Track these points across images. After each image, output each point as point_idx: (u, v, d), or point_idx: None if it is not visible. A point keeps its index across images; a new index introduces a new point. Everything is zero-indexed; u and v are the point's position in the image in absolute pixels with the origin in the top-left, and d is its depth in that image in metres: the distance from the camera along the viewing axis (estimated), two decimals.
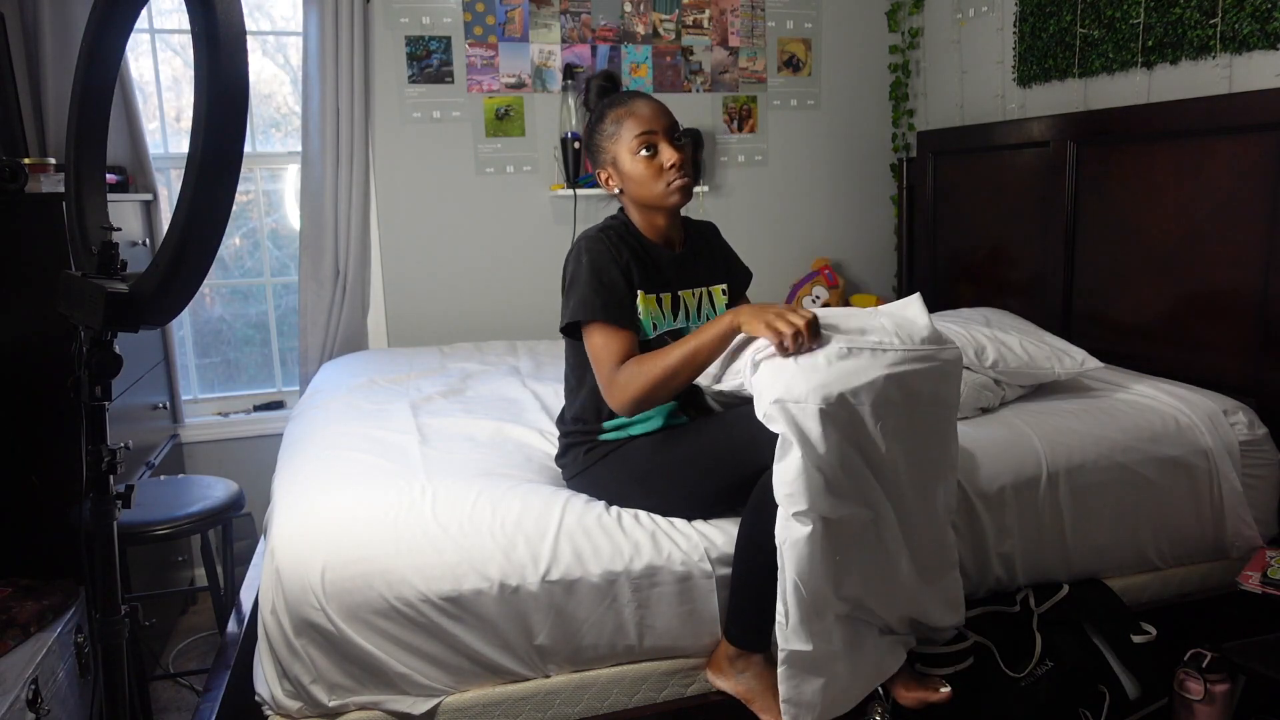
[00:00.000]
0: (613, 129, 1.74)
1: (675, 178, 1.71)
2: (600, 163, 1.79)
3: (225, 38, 1.02)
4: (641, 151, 1.71)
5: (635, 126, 1.71)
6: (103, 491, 1.22)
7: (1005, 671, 1.75)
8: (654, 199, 1.73)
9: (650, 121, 1.71)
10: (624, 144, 1.72)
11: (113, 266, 1.21)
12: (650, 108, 1.73)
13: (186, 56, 3.16)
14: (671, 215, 1.80)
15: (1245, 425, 2.10)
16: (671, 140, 1.72)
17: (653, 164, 1.71)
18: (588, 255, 1.69)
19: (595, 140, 1.78)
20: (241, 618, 2.19)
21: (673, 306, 1.80)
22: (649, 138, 1.70)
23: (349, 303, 3.11)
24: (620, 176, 1.76)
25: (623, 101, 1.75)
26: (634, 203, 1.79)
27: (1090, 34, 2.70)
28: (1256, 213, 2.17)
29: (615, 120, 1.73)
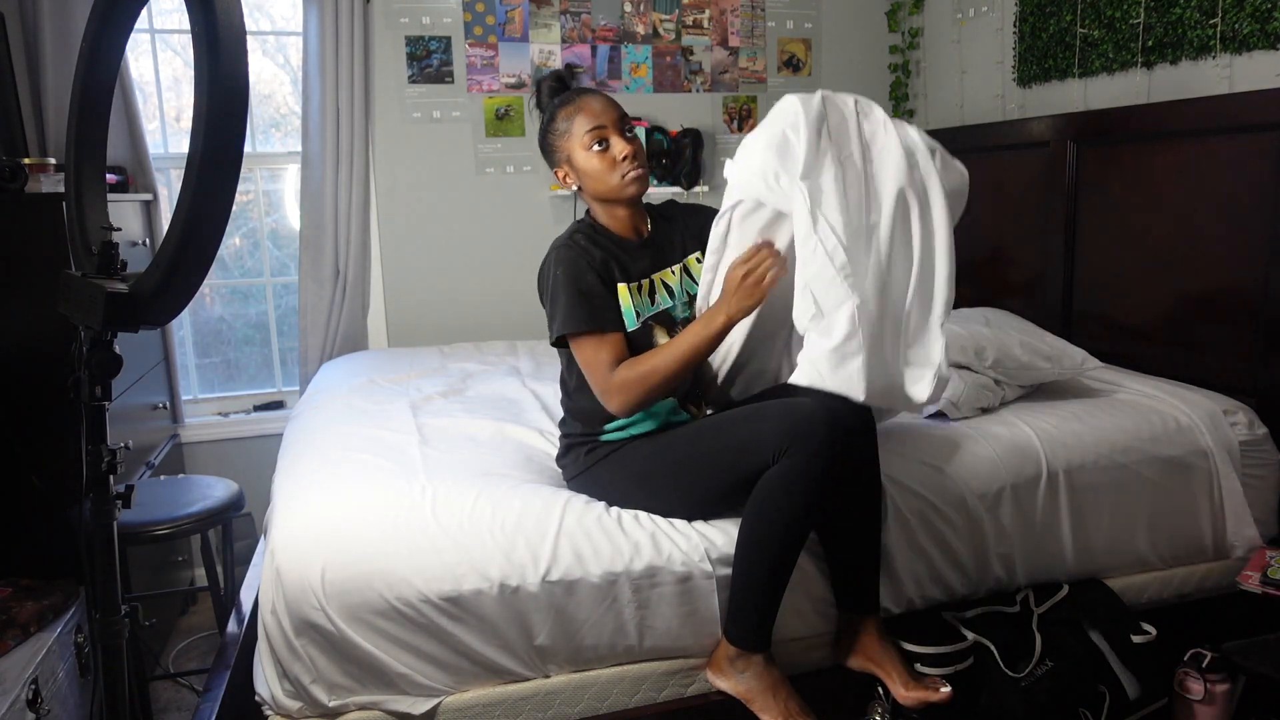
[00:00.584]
0: (564, 126, 1.75)
1: (629, 169, 1.72)
2: (556, 161, 1.80)
3: (225, 38, 1.02)
4: (594, 146, 1.72)
5: (585, 122, 1.72)
6: (103, 491, 1.22)
7: (1005, 671, 1.75)
8: (610, 192, 1.74)
9: (599, 116, 1.72)
10: (576, 140, 1.73)
11: (113, 266, 1.21)
12: (599, 102, 1.74)
13: (186, 56, 3.16)
14: (632, 206, 1.81)
15: (1245, 425, 2.10)
16: (622, 132, 1.73)
17: (606, 157, 1.72)
18: (561, 267, 1.70)
19: (549, 140, 1.80)
20: (241, 618, 2.19)
21: (650, 291, 1.80)
22: (600, 132, 1.72)
23: (349, 303, 3.11)
24: (576, 173, 1.77)
25: (571, 100, 1.76)
26: (594, 198, 1.80)
27: (1090, 34, 2.70)
28: (1256, 213, 2.17)
29: (566, 118, 1.75)
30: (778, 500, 1.56)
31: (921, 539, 1.82)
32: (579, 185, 1.79)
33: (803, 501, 1.56)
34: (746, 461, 1.60)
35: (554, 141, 1.78)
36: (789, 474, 1.55)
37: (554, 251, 1.74)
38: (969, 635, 1.77)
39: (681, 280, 1.85)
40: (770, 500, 1.57)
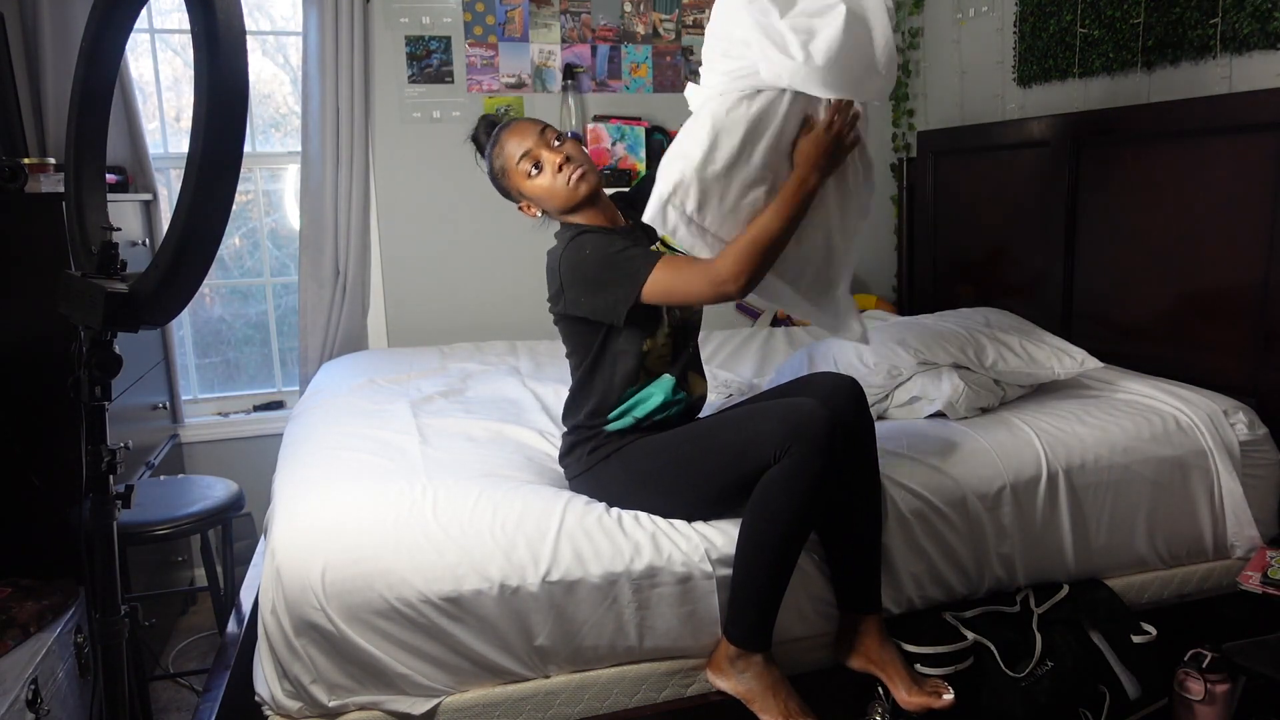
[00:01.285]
0: (500, 165, 1.79)
1: (569, 172, 1.73)
2: (512, 198, 1.84)
3: (225, 38, 1.02)
4: (531, 171, 1.75)
5: (513, 152, 1.76)
6: (103, 491, 1.22)
7: (1005, 671, 1.75)
8: (566, 200, 1.75)
9: (523, 142, 1.75)
10: (515, 174, 1.77)
11: (113, 266, 1.21)
12: (518, 130, 1.77)
13: (186, 56, 3.16)
14: (597, 203, 1.80)
15: (1245, 425, 2.10)
16: (549, 145, 1.75)
17: (544, 176, 1.75)
18: (588, 248, 1.70)
19: (498, 182, 1.83)
20: (241, 618, 2.19)
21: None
22: (530, 157, 1.74)
23: (349, 303, 3.11)
24: (533, 202, 1.80)
25: (496, 139, 1.80)
26: (562, 214, 1.80)
27: (1090, 34, 2.70)
28: (1256, 213, 2.17)
29: (497, 157, 1.79)
30: (778, 500, 1.56)
31: (921, 539, 1.82)
32: (542, 211, 1.82)
33: (803, 501, 1.56)
34: (747, 461, 1.60)
35: (501, 182, 1.82)
36: (790, 473, 1.55)
37: (569, 245, 1.73)
38: (969, 635, 1.77)
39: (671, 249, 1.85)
40: (771, 500, 1.57)
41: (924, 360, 2.20)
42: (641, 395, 1.77)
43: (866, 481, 1.73)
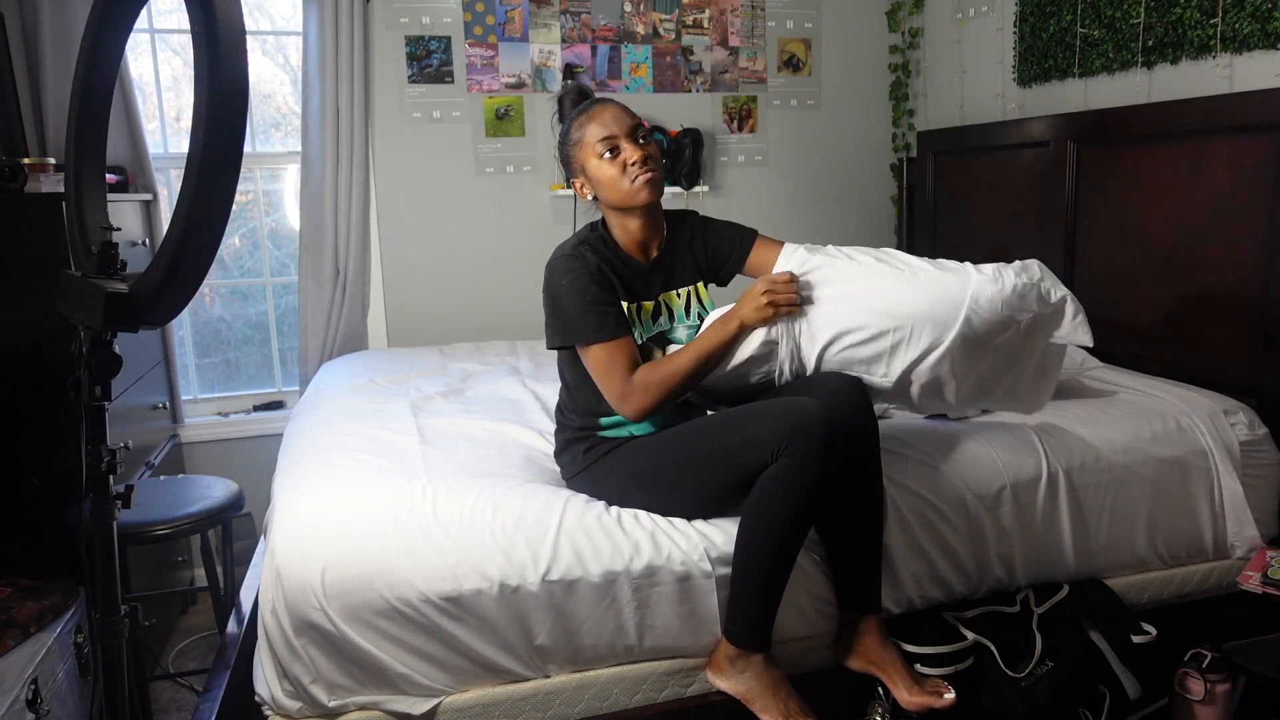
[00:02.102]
0: (578, 136, 1.76)
1: (639, 172, 1.71)
2: (573, 173, 1.81)
3: (225, 38, 1.02)
4: (605, 154, 1.72)
5: (597, 131, 1.73)
6: (103, 491, 1.22)
7: (1005, 671, 1.75)
8: (624, 198, 1.74)
9: (610, 125, 1.73)
10: (589, 150, 1.74)
11: (113, 266, 1.21)
12: (610, 112, 1.75)
13: (186, 56, 3.16)
14: (647, 216, 1.79)
15: (1245, 425, 2.10)
16: (634, 140, 1.73)
17: (616, 164, 1.72)
18: (567, 277, 1.71)
19: (565, 151, 1.81)
20: (241, 618, 2.19)
21: (654, 313, 1.81)
22: (610, 141, 1.72)
23: (349, 303, 3.11)
24: (591, 183, 1.77)
25: (585, 109, 1.77)
26: (609, 208, 1.79)
27: (1090, 34, 2.70)
28: (1256, 213, 2.17)
29: (579, 128, 1.76)
30: (777, 499, 1.56)
31: (921, 539, 1.82)
32: (595, 195, 1.79)
33: (802, 500, 1.56)
34: (746, 460, 1.60)
35: (569, 152, 1.79)
36: (788, 472, 1.55)
37: (558, 261, 1.74)
38: (969, 635, 1.77)
39: (689, 303, 1.85)
40: (770, 499, 1.57)
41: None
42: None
43: (869, 482, 1.73)
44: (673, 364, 1.69)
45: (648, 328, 1.80)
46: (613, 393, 1.69)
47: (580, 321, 1.69)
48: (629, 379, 1.67)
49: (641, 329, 1.78)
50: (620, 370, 1.68)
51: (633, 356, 1.70)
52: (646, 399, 1.68)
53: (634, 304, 1.77)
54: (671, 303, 1.83)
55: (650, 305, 1.80)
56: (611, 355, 1.68)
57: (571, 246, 1.76)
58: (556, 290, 1.72)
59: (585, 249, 1.75)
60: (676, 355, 1.70)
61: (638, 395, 1.67)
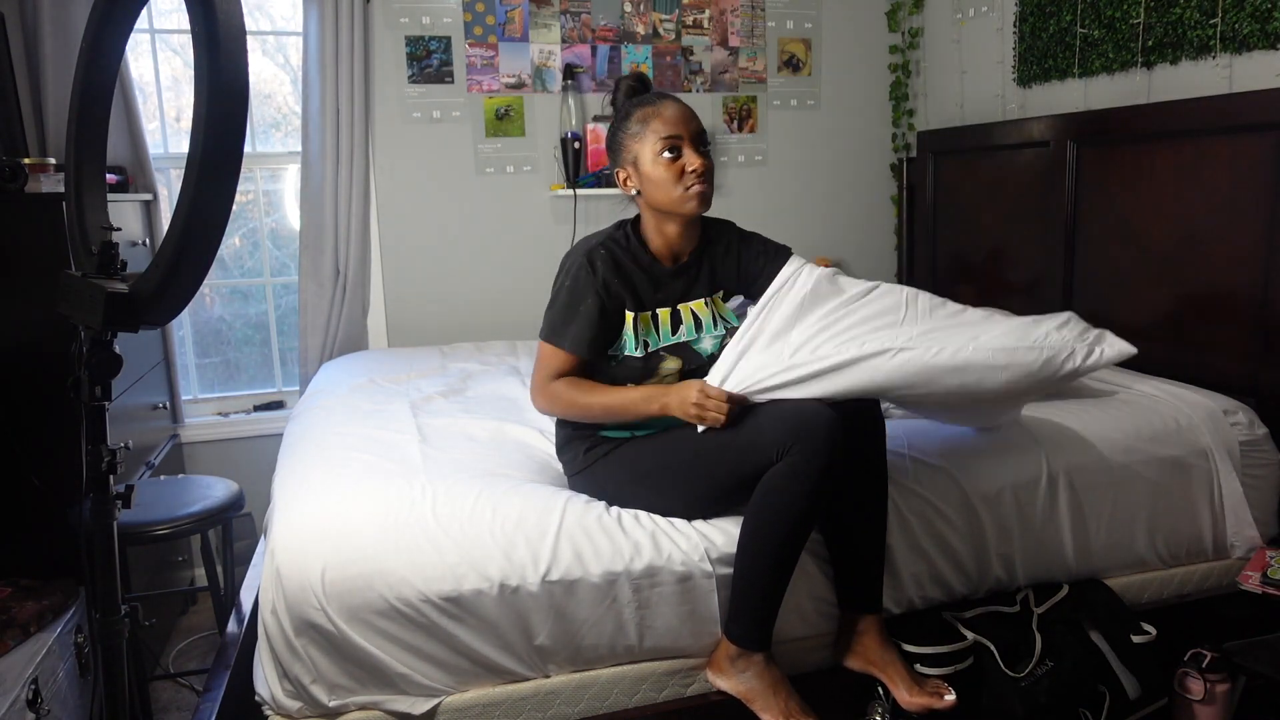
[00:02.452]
0: (638, 128, 1.71)
1: (695, 183, 1.68)
2: (620, 161, 1.76)
3: (225, 38, 1.02)
4: (665, 154, 1.68)
5: (662, 128, 1.68)
6: (103, 491, 1.22)
7: (1005, 671, 1.75)
8: (671, 203, 1.71)
9: (677, 125, 1.69)
10: (648, 144, 1.69)
11: (113, 266, 1.21)
12: (679, 111, 1.70)
13: (186, 56, 3.16)
14: (686, 223, 1.77)
15: (1245, 425, 2.10)
16: (697, 146, 1.70)
17: (674, 167, 1.68)
18: (571, 280, 1.72)
19: (618, 138, 1.75)
20: (241, 618, 2.19)
21: (672, 322, 1.79)
22: (674, 141, 1.68)
23: (349, 303, 3.11)
24: (639, 178, 1.73)
25: (651, 102, 1.72)
26: (650, 207, 1.76)
27: (1090, 34, 2.70)
28: (1256, 213, 2.17)
29: (641, 120, 1.71)
30: (780, 499, 1.56)
31: (921, 539, 1.82)
32: (638, 190, 1.75)
33: (806, 500, 1.56)
34: (749, 460, 1.60)
35: (624, 140, 1.74)
36: (792, 472, 1.55)
37: (573, 258, 1.74)
38: (969, 635, 1.77)
39: (715, 315, 1.83)
40: (773, 499, 1.57)
41: None
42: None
43: (873, 483, 1.73)
44: (590, 397, 1.71)
45: (664, 337, 1.78)
46: (533, 383, 1.76)
47: (555, 321, 1.72)
48: (550, 382, 1.73)
49: (653, 337, 1.76)
50: (549, 371, 1.73)
51: (569, 369, 1.73)
52: (550, 406, 1.75)
53: (647, 312, 1.76)
54: (699, 312, 1.81)
55: (666, 313, 1.78)
56: (552, 356, 1.72)
57: (589, 249, 1.73)
58: (557, 287, 1.75)
59: (603, 253, 1.73)
60: (597, 393, 1.71)
61: (545, 399, 1.74)
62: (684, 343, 1.79)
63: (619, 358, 1.75)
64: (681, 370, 1.78)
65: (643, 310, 1.75)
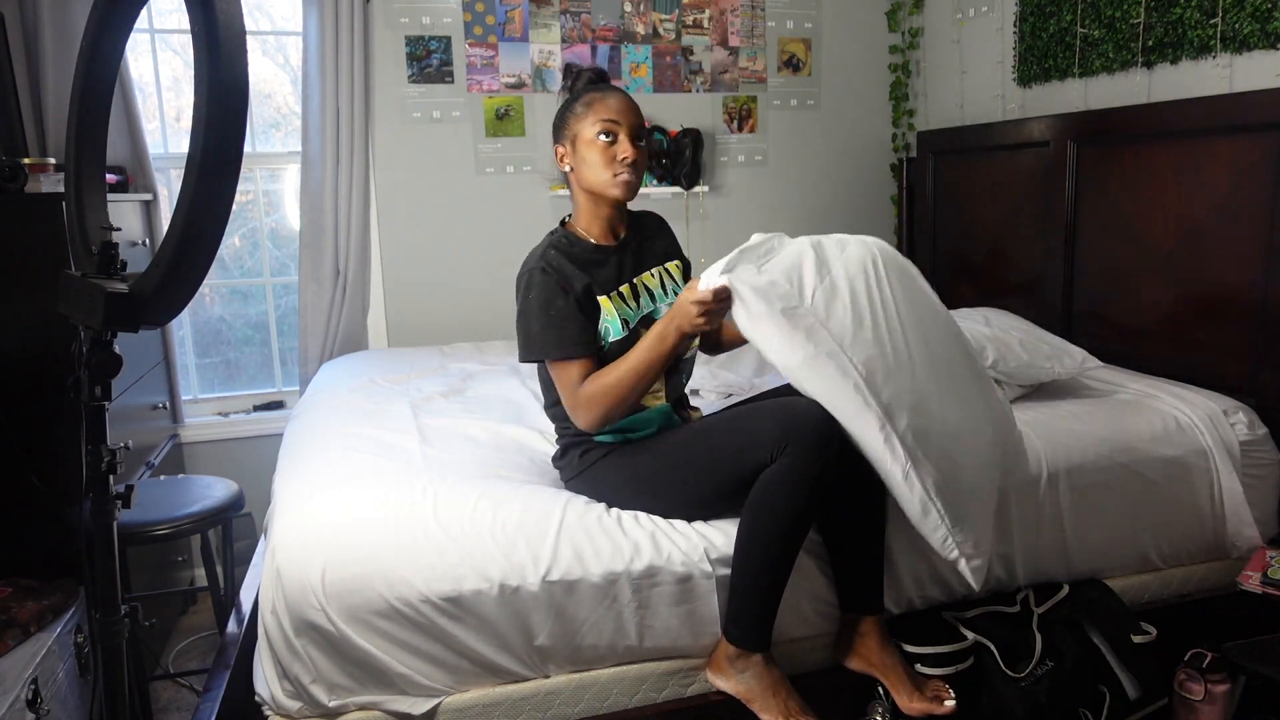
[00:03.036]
0: (582, 110, 1.76)
1: (623, 170, 1.73)
2: (560, 138, 1.81)
3: (225, 38, 1.02)
4: (601, 136, 1.73)
5: (604, 112, 1.74)
6: (103, 491, 1.22)
7: (1005, 671, 1.75)
8: (599, 185, 1.75)
9: (619, 113, 1.74)
10: (587, 124, 1.74)
11: (113, 266, 1.21)
12: (623, 102, 1.76)
13: (186, 56, 3.16)
14: (616, 206, 1.82)
15: (1245, 425, 2.10)
16: (632, 138, 1.75)
17: (608, 151, 1.73)
18: (533, 291, 1.72)
19: (564, 116, 1.81)
20: (241, 618, 2.19)
21: (634, 295, 1.81)
22: (612, 126, 1.73)
23: (349, 303, 3.11)
24: (574, 157, 1.78)
25: (600, 89, 1.79)
26: (581, 187, 1.80)
27: (1090, 34, 2.70)
28: (1256, 213, 2.17)
29: (587, 102, 1.76)
30: (776, 499, 1.56)
31: (921, 539, 1.82)
32: (571, 168, 1.80)
33: (801, 500, 1.55)
34: (745, 460, 1.60)
35: (568, 118, 1.79)
36: (787, 472, 1.55)
37: (526, 274, 1.76)
38: (969, 635, 1.77)
39: (663, 282, 1.86)
40: (769, 499, 1.57)
41: None
42: (637, 421, 1.76)
43: (871, 482, 1.72)
44: (617, 374, 1.67)
45: (637, 310, 1.80)
46: (567, 406, 1.72)
47: (541, 336, 1.70)
48: (577, 392, 1.69)
49: (628, 314, 1.78)
50: (571, 384, 1.69)
51: (585, 373, 1.69)
52: (592, 413, 1.68)
53: (614, 292, 1.78)
54: (648, 283, 1.84)
55: (628, 288, 1.80)
56: (565, 370, 1.70)
57: (539, 256, 1.77)
58: (523, 304, 1.75)
59: (551, 254, 1.76)
60: (619, 367, 1.68)
61: (586, 407, 1.68)
62: (648, 313, 1.81)
63: (606, 344, 1.76)
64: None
65: (610, 290, 1.77)
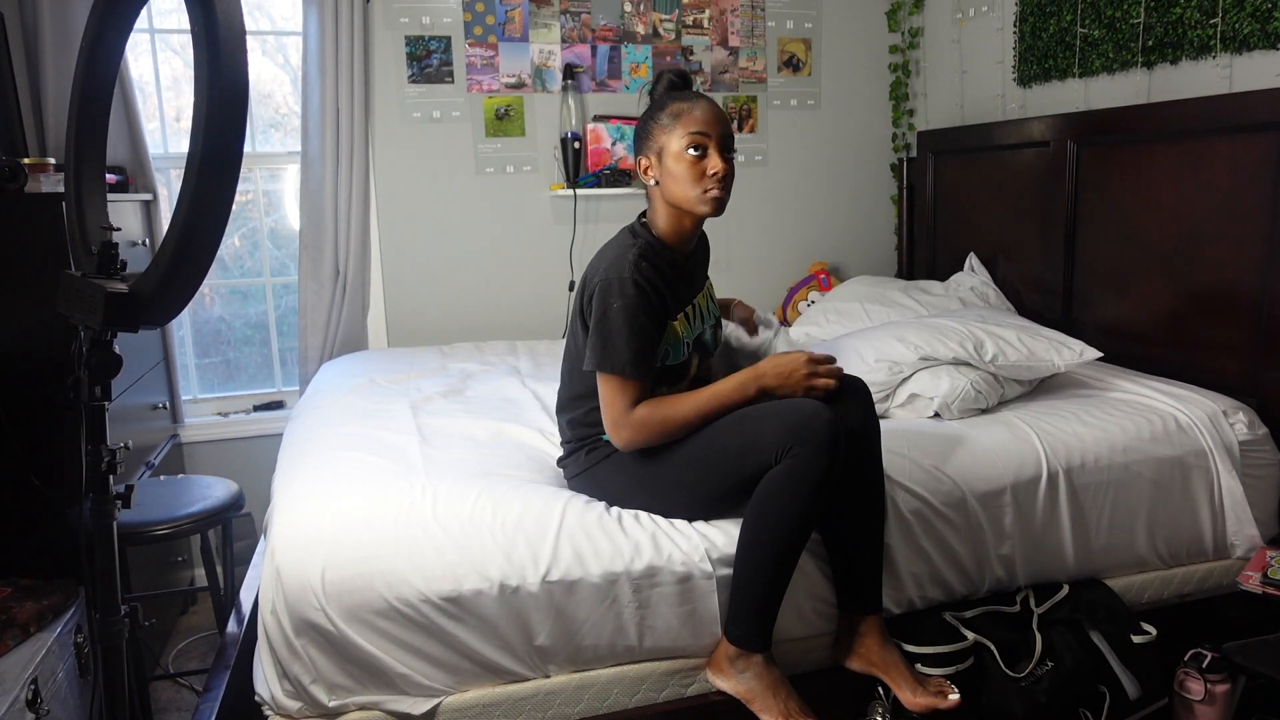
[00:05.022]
0: (669, 121, 1.70)
1: (713, 186, 1.68)
2: (645, 150, 1.74)
3: (225, 38, 1.02)
4: (690, 150, 1.67)
5: (692, 124, 1.67)
6: (103, 491, 1.22)
7: (1005, 671, 1.75)
8: (686, 201, 1.70)
9: (708, 125, 1.67)
10: (675, 137, 1.68)
11: (113, 266, 1.21)
12: (712, 112, 1.69)
13: (186, 56, 3.16)
14: (699, 221, 1.77)
15: (1245, 425, 2.10)
16: (723, 151, 1.69)
17: (697, 166, 1.67)
18: (622, 301, 1.64)
19: (648, 127, 1.73)
20: (241, 618, 2.19)
21: (694, 314, 1.79)
22: (702, 139, 1.67)
23: (349, 303, 3.11)
24: (660, 170, 1.72)
25: (688, 98, 1.71)
26: (665, 200, 1.74)
27: (1090, 34, 2.70)
28: (1256, 213, 2.17)
29: (674, 113, 1.69)
30: (781, 500, 1.56)
31: (921, 539, 1.82)
32: (656, 181, 1.74)
33: (806, 501, 1.56)
34: (749, 461, 1.60)
35: (653, 130, 1.72)
36: (792, 474, 1.55)
37: (616, 281, 1.66)
38: (969, 635, 1.77)
39: (708, 304, 1.86)
40: (773, 499, 1.57)
41: (924, 356, 2.20)
42: None
43: (871, 483, 1.73)
44: (676, 407, 1.66)
45: (695, 330, 1.78)
46: (610, 419, 1.68)
47: (619, 350, 1.64)
48: (630, 412, 1.66)
49: (693, 331, 1.77)
50: (626, 404, 1.66)
51: (643, 394, 1.67)
52: (639, 436, 1.67)
53: (683, 312, 1.75)
54: (701, 303, 1.82)
55: (691, 308, 1.78)
56: (623, 388, 1.66)
57: (628, 266, 1.66)
58: (606, 310, 1.65)
59: (645, 266, 1.67)
60: (681, 400, 1.66)
61: (632, 430, 1.66)
62: (697, 336, 1.80)
63: (663, 366, 1.73)
64: (698, 365, 1.80)
65: (680, 312, 1.75)
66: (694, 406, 1.66)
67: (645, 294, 1.65)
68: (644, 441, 1.68)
